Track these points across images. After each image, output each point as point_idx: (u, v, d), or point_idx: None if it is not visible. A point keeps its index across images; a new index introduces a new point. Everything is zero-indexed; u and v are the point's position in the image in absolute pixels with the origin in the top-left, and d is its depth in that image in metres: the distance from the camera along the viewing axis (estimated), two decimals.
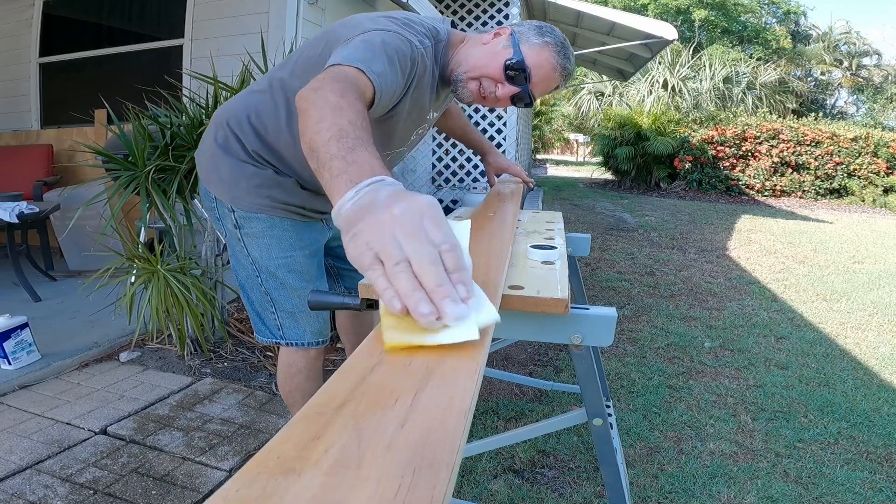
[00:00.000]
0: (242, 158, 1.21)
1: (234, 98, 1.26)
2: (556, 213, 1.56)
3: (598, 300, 3.52)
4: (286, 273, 1.27)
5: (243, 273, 1.32)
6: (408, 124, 1.19)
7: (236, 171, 1.21)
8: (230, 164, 1.21)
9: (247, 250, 1.27)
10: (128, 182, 2.17)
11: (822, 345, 2.91)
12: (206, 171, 1.27)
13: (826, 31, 23.22)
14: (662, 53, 13.59)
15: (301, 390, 1.41)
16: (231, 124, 1.21)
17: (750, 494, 1.63)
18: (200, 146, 1.30)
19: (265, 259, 1.26)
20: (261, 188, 1.21)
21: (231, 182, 1.22)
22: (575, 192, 10.34)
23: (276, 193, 1.22)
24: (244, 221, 1.24)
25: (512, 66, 1.09)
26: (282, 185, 1.23)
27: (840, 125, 11.68)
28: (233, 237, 1.28)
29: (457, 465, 0.34)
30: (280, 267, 1.26)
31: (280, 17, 3.64)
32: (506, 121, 5.89)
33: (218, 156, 1.23)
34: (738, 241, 5.91)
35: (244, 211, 1.23)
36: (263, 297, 1.31)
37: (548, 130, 21.02)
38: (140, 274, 2.25)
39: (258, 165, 1.21)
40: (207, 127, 1.29)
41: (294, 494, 0.29)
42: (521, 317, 0.83)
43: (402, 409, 0.39)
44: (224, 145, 1.22)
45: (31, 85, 4.46)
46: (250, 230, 1.25)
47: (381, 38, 0.97)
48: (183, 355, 2.37)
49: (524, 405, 2.12)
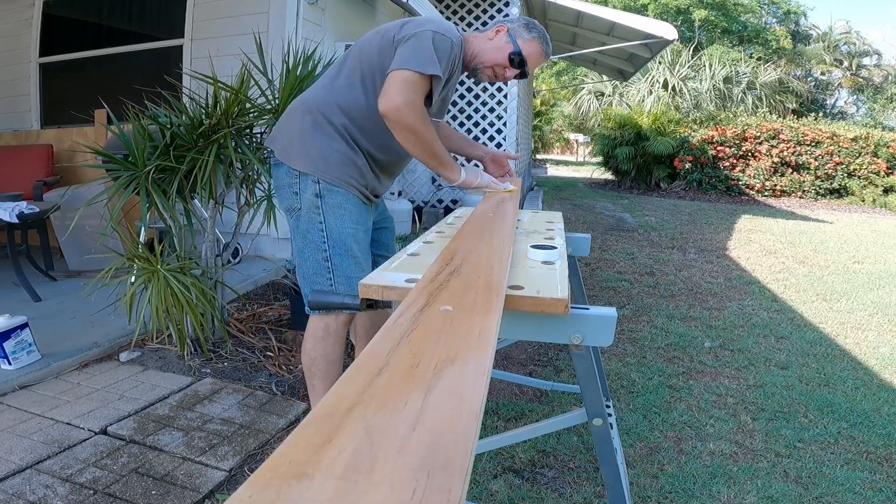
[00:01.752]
0: (333, 137, 1.50)
1: (315, 89, 1.57)
2: (556, 213, 1.56)
3: (598, 300, 3.52)
4: (353, 241, 1.52)
5: (310, 241, 1.52)
6: (444, 101, 1.62)
7: (327, 147, 1.49)
8: (321, 143, 1.49)
9: (323, 216, 1.50)
10: (128, 182, 2.17)
11: (822, 345, 2.91)
12: (294, 151, 1.51)
13: (826, 31, 23.21)
14: (662, 53, 13.60)
15: (326, 357, 1.57)
16: (322, 109, 1.51)
17: (750, 494, 1.63)
18: (280, 135, 1.56)
19: (339, 226, 1.51)
20: (343, 166, 1.50)
21: (321, 157, 1.49)
22: (575, 192, 10.34)
23: (354, 173, 1.52)
24: (327, 192, 1.50)
25: (514, 56, 1.54)
26: (358, 167, 1.53)
27: (840, 125, 11.68)
28: (311, 206, 1.50)
29: (469, 467, 0.34)
30: (350, 235, 1.52)
31: (280, 17, 3.64)
32: (506, 121, 5.89)
33: (308, 135, 1.50)
34: (738, 241, 5.91)
35: (328, 183, 1.49)
36: (322, 265, 1.51)
37: (548, 130, 21.02)
38: (140, 274, 2.25)
39: (346, 142, 1.51)
40: (287, 117, 1.57)
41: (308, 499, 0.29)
42: (521, 317, 0.83)
43: (412, 411, 0.39)
44: (314, 126, 1.50)
45: (31, 85, 4.47)
46: (331, 200, 1.50)
47: (429, 37, 1.38)
48: (183, 355, 2.37)
49: (524, 405, 2.12)
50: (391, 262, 0.93)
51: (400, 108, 1.33)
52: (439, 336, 0.54)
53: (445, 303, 0.63)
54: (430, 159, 1.44)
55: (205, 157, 2.19)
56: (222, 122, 2.23)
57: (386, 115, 1.35)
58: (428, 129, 1.38)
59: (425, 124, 1.37)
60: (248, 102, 2.34)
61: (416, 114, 1.34)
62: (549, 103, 20.12)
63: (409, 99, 1.33)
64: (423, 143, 1.39)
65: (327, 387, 1.59)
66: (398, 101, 1.32)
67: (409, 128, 1.35)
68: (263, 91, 2.40)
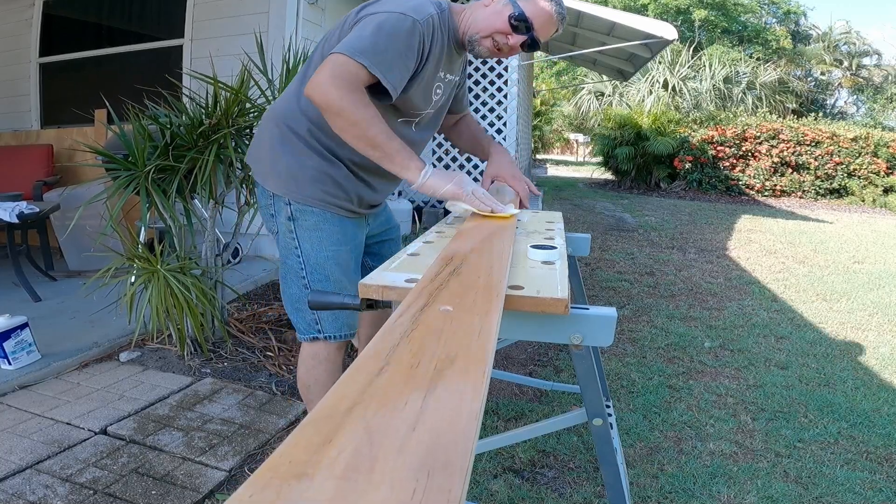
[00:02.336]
0: (300, 150, 1.33)
1: (284, 97, 1.40)
2: (556, 213, 1.55)
3: (598, 300, 3.52)
4: (333, 265, 1.37)
5: (289, 267, 1.40)
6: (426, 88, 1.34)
7: (294, 165, 1.33)
8: (288, 159, 1.33)
9: (297, 242, 1.36)
10: (128, 182, 2.17)
11: (822, 345, 2.91)
12: (264, 170, 1.37)
13: (826, 31, 23.21)
14: (662, 53, 13.60)
15: (320, 383, 1.46)
16: (287, 119, 1.34)
17: (750, 494, 1.63)
18: (253, 151, 1.42)
19: (316, 251, 1.36)
20: (316, 182, 1.33)
21: (289, 176, 1.33)
22: (575, 192, 10.34)
23: (330, 188, 1.34)
24: (299, 214, 1.35)
25: (516, 19, 1.26)
26: (336, 180, 1.34)
27: (840, 125, 11.67)
28: (286, 231, 1.37)
29: (470, 467, 0.34)
30: (328, 259, 1.37)
31: (280, 16, 3.64)
32: (506, 121, 5.89)
33: (277, 153, 1.34)
34: (738, 241, 5.91)
35: (300, 203, 1.33)
36: (302, 292, 1.38)
37: (548, 130, 21.01)
38: (140, 274, 2.25)
39: (318, 154, 1.33)
40: (259, 130, 1.42)
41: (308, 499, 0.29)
42: (521, 317, 0.83)
43: (412, 411, 0.39)
44: (282, 141, 1.34)
45: (31, 85, 4.46)
46: (304, 223, 1.35)
47: (379, 21, 1.17)
48: (183, 355, 2.37)
49: (524, 405, 2.12)
50: (391, 262, 0.93)
51: (321, 84, 1.12)
52: (439, 336, 0.54)
53: (445, 303, 0.63)
54: (371, 149, 1.17)
55: (205, 156, 2.19)
56: (222, 122, 2.23)
57: (310, 98, 1.15)
58: (359, 109, 1.13)
59: (356, 105, 1.13)
60: (248, 102, 2.34)
61: (341, 92, 1.11)
62: (549, 103, 20.11)
63: (336, 77, 1.12)
64: (352, 124, 1.14)
65: None
66: (320, 78, 1.12)
67: (333, 107, 1.13)
68: (263, 91, 2.40)
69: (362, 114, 1.14)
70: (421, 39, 1.21)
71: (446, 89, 1.41)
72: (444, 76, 1.36)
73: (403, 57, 1.19)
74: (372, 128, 1.15)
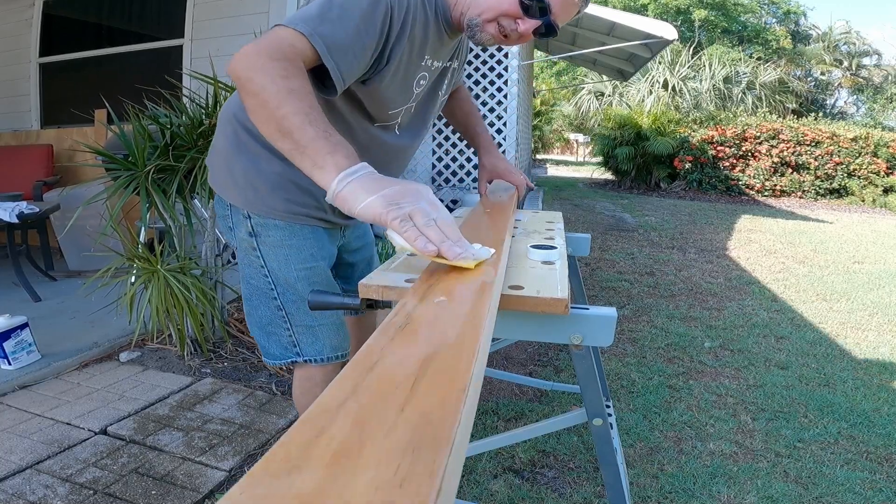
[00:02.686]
0: (257, 153, 1.11)
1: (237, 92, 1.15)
2: (556, 213, 1.55)
3: (598, 300, 3.52)
4: (306, 285, 1.17)
5: (256, 287, 1.20)
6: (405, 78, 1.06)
7: (251, 170, 1.12)
8: (244, 165, 1.12)
9: (263, 261, 1.17)
10: (128, 182, 2.17)
11: (822, 345, 2.91)
12: (219, 178, 1.18)
13: (826, 31, 23.23)
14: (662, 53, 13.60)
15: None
16: (239, 117, 1.12)
17: (750, 494, 1.63)
18: (211, 152, 1.21)
19: (284, 270, 1.16)
20: (277, 190, 1.12)
21: (247, 184, 1.12)
22: (575, 192, 10.34)
23: (296, 195, 1.12)
24: (261, 229, 1.15)
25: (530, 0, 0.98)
26: (300, 183, 1.11)
27: (840, 125, 11.68)
28: (247, 247, 1.17)
29: (459, 441, 0.34)
30: (300, 279, 1.16)
31: (280, 17, 3.63)
32: (506, 121, 5.89)
33: (231, 157, 1.14)
34: (738, 241, 5.91)
35: (261, 216, 1.13)
36: (275, 313, 1.20)
37: (548, 130, 21.02)
38: (140, 274, 2.25)
39: (276, 155, 1.06)
40: (216, 131, 1.20)
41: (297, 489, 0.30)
42: (521, 317, 0.83)
43: (402, 394, 0.40)
44: (235, 143, 1.13)
45: (31, 85, 4.46)
46: (268, 239, 1.15)
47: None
48: (183, 355, 2.37)
49: (524, 405, 2.12)
50: (391, 262, 0.93)
51: (240, 53, 0.83)
52: (433, 324, 0.55)
53: (439, 296, 0.63)
54: (280, 137, 0.79)
55: (205, 156, 2.19)
56: None
57: (230, 74, 0.84)
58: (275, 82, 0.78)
59: (272, 76, 0.79)
60: None
61: (260, 60, 0.80)
62: (549, 103, 20.11)
63: (263, 46, 0.82)
64: (262, 104, 0.79)
65: None
66: (245, 48, 0.83)
67: (241, 78, 0.81)
68: None
69: (278, 87, 0.78)
70: (388, 15, 0.94)
71: (432, 78, 1.15)
72: (431, 63, 1.10)
73: (360, 34, 0.90)
74: (284, 105, 0.77)
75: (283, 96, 0.78)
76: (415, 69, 1.06)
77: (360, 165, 0.76)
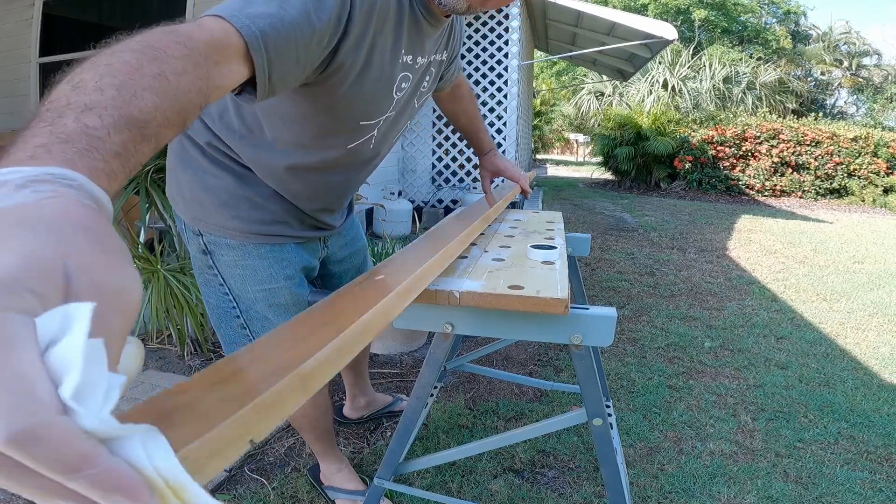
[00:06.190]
0: (203, 167, 1.02)
1: None
2: (556, 213, 1.56)
3: (598, 300, 3.52)
4: (266, 307, 1.08)
5: (217, 307, 1.12)
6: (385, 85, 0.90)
7: (197, 186, 1.03)
8: (190, 179, 1.04)
9: (222, 278, 1.08)
10: (127, 182, 2.17)
11: (822, 345, 2.91)
12: (170, 191, 1.10)
13: (826, 31, 23.25)
14: (662, 53, 13.61)
15: (307, 416, 1.34)
16: (187, 130, 1.01)
17: (750, 494, 1.63)
18: (167, 164, 1.12)
19: (242, 290, 1.08)
20: (226, 207, 1.02)
21: (194, 199, 1.04)
22: (575, 192, 10.34)
23: (247, 212, 1.03)
24: (214, 247, 1.06)
25: None
26: (252, 199, 1.02)
27: (840, 125, 11.68)
28: (202, 265, 1.10)
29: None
30: (259, 300, 1.08)
31: None
32: (506, 121, 5.89)
33: (177, 170, 1.05)
34: (738, 241, 5.91)
35: (212, 234, 1.05)
36: (238, 332, 1.11)
37: (548, 130, 21.03)
38: (140, 274, 2.25)
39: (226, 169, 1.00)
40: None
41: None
42: (521, 317, 0.83)
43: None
44: (181, 156, 1.04)
45: (30, 85, 4.47)
46: (222, 258, 1.06)
47: None
48: (183, 355, 2.37)
49: (524, 405, 2.12)
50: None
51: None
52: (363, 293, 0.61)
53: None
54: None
55: None
56: None
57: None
58: (103, 53, 0.45)
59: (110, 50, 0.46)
60: None
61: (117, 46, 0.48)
62: (549, 103, 20.12)
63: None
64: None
65: (319, 437, 1.43)
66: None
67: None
68: None
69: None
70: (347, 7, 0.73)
71: (416, 77, 0.98)
72: (413, 60, 0.94)
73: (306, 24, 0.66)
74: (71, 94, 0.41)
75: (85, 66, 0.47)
76: (393, 71, 0.89)
77: (21, 170, 0.31)
